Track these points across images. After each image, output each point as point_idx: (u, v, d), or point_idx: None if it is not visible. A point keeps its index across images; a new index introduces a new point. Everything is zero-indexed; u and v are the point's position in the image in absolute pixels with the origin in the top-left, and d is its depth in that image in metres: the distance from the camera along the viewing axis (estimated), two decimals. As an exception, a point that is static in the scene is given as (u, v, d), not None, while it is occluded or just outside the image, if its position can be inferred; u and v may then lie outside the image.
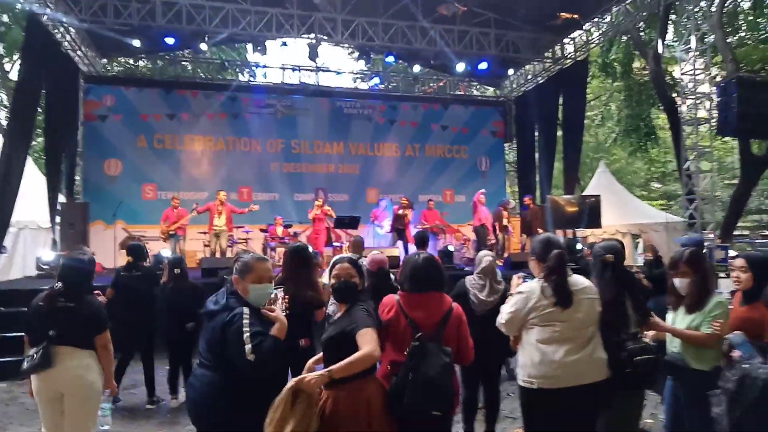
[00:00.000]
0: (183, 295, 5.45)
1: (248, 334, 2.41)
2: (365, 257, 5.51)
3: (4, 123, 10.47)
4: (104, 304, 3.85)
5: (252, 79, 15.66)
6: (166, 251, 7.92)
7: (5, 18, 14.84)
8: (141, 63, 15.25)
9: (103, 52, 13.52)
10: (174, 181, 13.38)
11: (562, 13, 10.50)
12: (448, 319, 2.76)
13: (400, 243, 11.15)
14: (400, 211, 11.29)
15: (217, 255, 10.42)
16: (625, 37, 16.51)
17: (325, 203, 11.31)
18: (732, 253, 9.79)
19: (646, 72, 17.69)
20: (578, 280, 2.88)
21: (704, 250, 4.41)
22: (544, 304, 2.78)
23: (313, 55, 11.91)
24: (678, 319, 3.29)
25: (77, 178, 13.03)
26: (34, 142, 13.92)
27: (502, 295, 4.07)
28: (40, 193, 11.48)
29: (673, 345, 3.28)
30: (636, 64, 18.12)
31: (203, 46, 12.26)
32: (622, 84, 18.93)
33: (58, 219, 11.14)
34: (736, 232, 16.66)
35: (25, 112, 10.09)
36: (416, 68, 12.98)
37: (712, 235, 9.97)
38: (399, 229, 11.12)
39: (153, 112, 13.58)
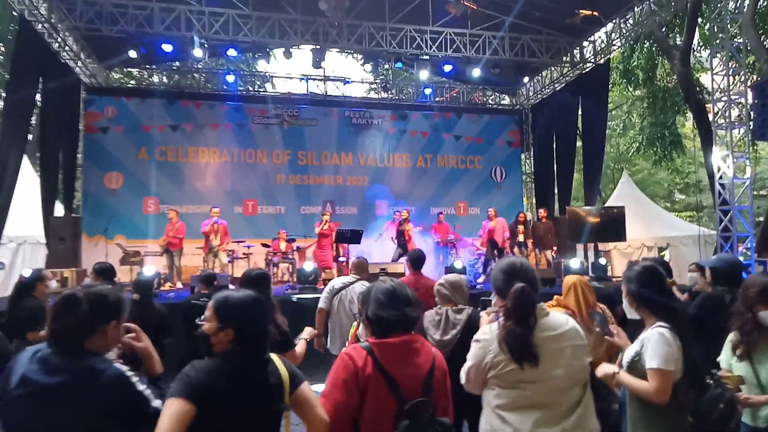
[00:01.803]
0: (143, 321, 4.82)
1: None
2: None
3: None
4: None
5: (258, 88, 15.23)
6: (149, 268, 7.34)
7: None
8: (144, 74, 14.87)
9: (104, 63, 13.18)
10: (176, 195, 12.92)
11: (582, 11, 9.80)
12: (434, 374, 2.02)
13: (404, 258, 10.45)
14: (401, 226, 10.63)
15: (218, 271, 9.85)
16: (647, 42, 15.83)
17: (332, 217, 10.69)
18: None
19: (671, 78, 16.90)
20: (557, 322, 2.08)
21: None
22: (503, 360, 2.00)
23: (317, 62, 11.39)
24: (764, 369, 2.48)
25: (77, 191, 12.65)
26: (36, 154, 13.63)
27: (464, 330, 3.19)
28: (40, 207, 11.13)
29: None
30: (659, 71, 17.35)
31: (232, 52, 11.70)
32: (644, 91, 18.13)
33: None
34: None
35: (17, 123, 9.72)
36: (423, 75, 12.31)
37: (742, 249, 9.12)
38: (402, 244, 10.45)
39: (156, 124, 13.18)
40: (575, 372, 2.03)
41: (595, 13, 9.97)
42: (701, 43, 15.99)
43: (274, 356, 1.93)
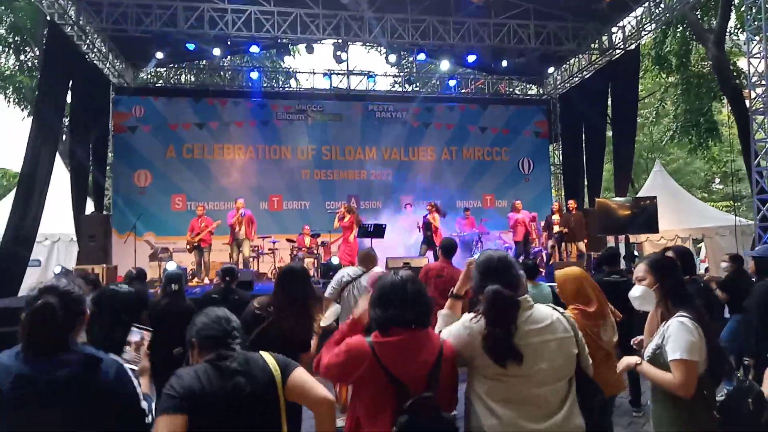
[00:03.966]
0: (174, 315, 4.87)
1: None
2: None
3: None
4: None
5: (282, 85, 15.29)
6: (171, 264, 7.44)
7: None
8: (170, 73, 15.09)
9: (131, 63, 13.42)
10: (203, 192, 13.08)
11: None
12: (440, 367, 1.96)
13: (430, 253, 10.36)
14: (428, 217, 10.52)
15: (240, 265, 9.95)
16: (680, 27, 15.27)
17: (351, 210, 10.61)
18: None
19: (705, 63, 16.28)
20: (541, 314, 2.01)
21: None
22: (485, 361, 1.95)
23: (338, 56, 11.34)
24: None
25: (107, 190, 12.93)
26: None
27: None
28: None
29: None
30: (693, 56, 16.73)
31: (254, 49, 11.78)
32: (678, 77, 17.52)
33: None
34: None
35: (49, 124, 9.95)
36: (445, 66, 12.14)
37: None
38: (428, 237, 10.34)
39: (182, 122, 13.36)
40: (560, 366, 1.97)
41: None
42: (738, 26, 15.37)
43: (263, 353, 1.94)
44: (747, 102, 10.07)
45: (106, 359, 1.83)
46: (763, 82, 9.16)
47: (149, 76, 15.24)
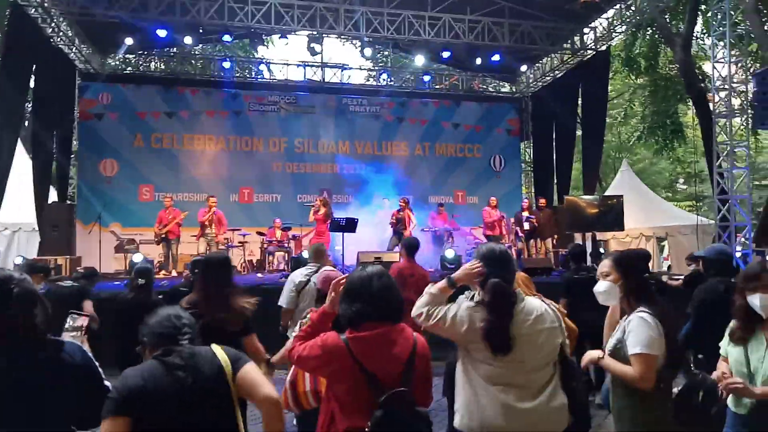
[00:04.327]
0: (142, 309, 4.75)
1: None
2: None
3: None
4: None
5: (255, 75, 15.08)
6: (138, 256, 7.29)
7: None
8: (140, 60, 14.73)
9: (99, 49, 13.04)
10: (172, 182, 12.83)
11: (583, -4, 9.64)
12: (415, 363, 2.01)
13: (398, 248, 10.39)
14: (401, 213, 10.55)
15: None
16: (650, 30, 15.61)
17: (326, 203, 10.56)
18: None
19: (673, 66, 16.69)
20: (533, 306, 2.18)
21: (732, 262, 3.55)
22: (481, 347, 2.11)
23: (312, 48, 11.25)
24: (756, 357, 2.40)
25: (72, 179, 12.58)
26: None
27: None
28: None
29: None
30: (662, 58, 17.14)
31: (227, 38, 11.55)
32: (647, 79, 17.94)
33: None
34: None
35: (10, 108, 9.63)
36: (420, 60, 12.16)
37: (747, 240, 9.04)
38: (399, 232, 10.37)
39: (151, 110, 13.06)
40: (548, 353, 2.15)
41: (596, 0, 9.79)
42: (704, 31, 15.78)
43: (214, 346, 1.93)
44: (711, 105, 10.37)
45: (67, 342, 1.91)
46: (726, 86, 9.45)
47: (118, 62, 14.86)
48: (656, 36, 15.58)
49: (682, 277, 6.06)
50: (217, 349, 1.91)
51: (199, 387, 1.78)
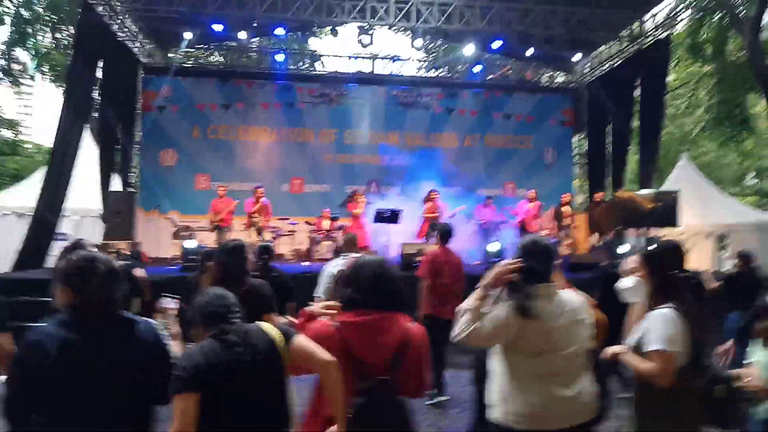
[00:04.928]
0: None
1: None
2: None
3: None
4: None
5: (308, 67, 15.36)
6: (192, 243, 7.64)
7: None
8: (199, 53, 15.28)
9: (161, 44, 13.63)
10: (227, 172, 13.28)
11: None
12: (406, 353, 2.03)
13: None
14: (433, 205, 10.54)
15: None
16: (717, 15, 14.77)
17: (365, 194, 10.66)
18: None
19: (743, 53, 15.75)
20: (569, 298, 2.28)
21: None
22: (527, 339, 2.21)
23: (362, 40, 11.33)
24: None
25: (135, 167, 13.27)
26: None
27: None
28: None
29: None
30: (731, 44, 16.18)
31: (279, 31, 11.88)
32: (713, 67, 17.00)
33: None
34: None
35: (79, 101, 10.25)
36: (469, 50, 12.03)
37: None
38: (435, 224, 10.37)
39: (209, 102, 13.57)
40: (583, 342, 2.25)
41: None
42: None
43: (263, 323, 2.04)
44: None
45: (140, 320, 2.04)
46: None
47: (179, 56, 15.45)
48: (724, 21, 14.74)
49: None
50: (266, 326, 2.04)
51: (256, 361, 1.91)
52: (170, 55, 14.61)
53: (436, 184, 13.40)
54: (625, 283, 2.53)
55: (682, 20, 12.25)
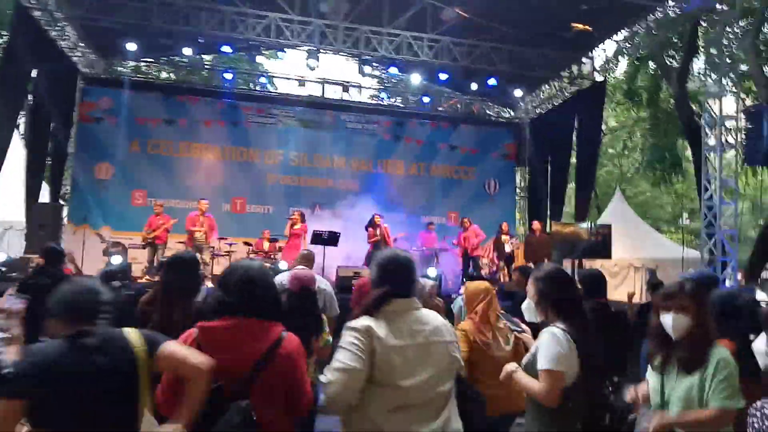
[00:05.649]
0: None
1: None
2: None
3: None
4: None
5: (256, 88, 15.27)
6: (116, 259, 7.30)
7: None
8: (143, 67, 14.92)
9: (103, 54, 13.24)
10: (165, 189, 12.88)
11: (576, 24, 9.75)
12: (268, 364, 1.90)
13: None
14: (377, 231, 10.57)
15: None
16: (652, 64, 15.72)
17: (303, 218, 10.49)
18: (760, 295, 8.71)
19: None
20: (428, 318, 2.02)
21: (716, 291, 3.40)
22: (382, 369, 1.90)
23: (310, 64, 11.39)
24: (669, 384, 2.22)
25: (66, 180, 12.70)
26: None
27: None
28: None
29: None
30: (664, 93, 17.22)
31: (226, 48, 11.79)
32: (647, 112, 18.01)
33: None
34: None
35: (7, 107, 9.77)
36: (416, 79, 12.31)
37: (734, 275, 8.95)
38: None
39: (150, 117, 13.21)
40: (444, 369, 1.97)
41: (588, 28, 9.88)
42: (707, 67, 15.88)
43: (129, 330, 1.88)
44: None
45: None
46: (717, 122, 9.46)
47: (126, 69, 15.06)
48: (658, 70, 15.70)
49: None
50: (131, 332, 1.87)
51: (106, 370, 1.74)
52: (119, 68, 14.21)
53: (381, 209, 13.45)
54: (524, 304, 2.54)
55: (616, 66, 12.95)
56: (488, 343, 3.07)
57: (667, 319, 2.23)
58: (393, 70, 12.76)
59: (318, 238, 9.02)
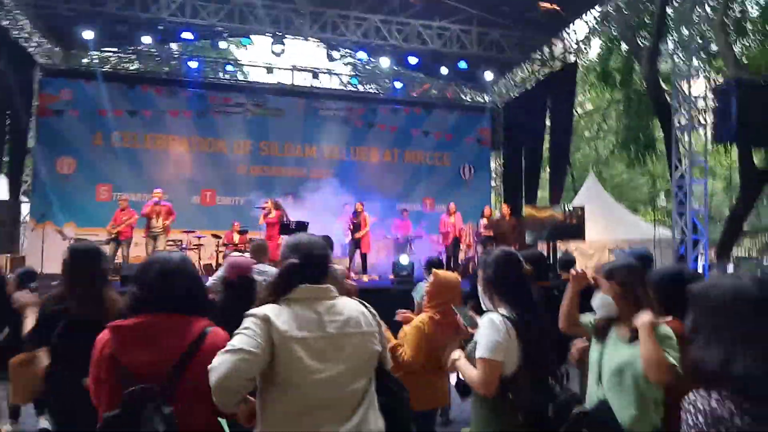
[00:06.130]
0: None
1: None
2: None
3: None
4: None
5: (223, 76, 14.88)
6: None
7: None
8: (104, 57, 14.38)
9: (61, 44, 12.75)
10: (131, 182, 12.49)
11: (544, 4, 9.59)
12: (190, 362, 1.73)
13: (358, 253, 10.23)
14: (357, 218, 10.40)
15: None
16: (625, 45, 15.66)
17: (278, 206, 10.30)
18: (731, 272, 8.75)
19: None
20: (345, 307, 1.82)
21: (650, 267, 3.34)
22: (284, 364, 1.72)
23: (275, 48, 11.10)
24: (607, 353, 2.28)
25: (27, 176, 12.25)
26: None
27: None
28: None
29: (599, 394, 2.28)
30: (637, 74, 17.21)
31: (187, 35, 11.51)
32: (621, 93, 18.00)
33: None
34: (742, 253, 15.51)
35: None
36: (385, 63, 12.11)
37: (705, 254, 8.96)
38: (357, 239, 10.20)
39: (113, 108, 12.76)
40: (360, 363, 1.78)
41: (556, 8, 9.73)
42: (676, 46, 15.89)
43: None
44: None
45: None
46: (686, 101, 9.41)
47: (87, 59, 14.54)
48: (630, 50, 15.65)
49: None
50: None
51: None
52: (80, 58, 13.69)
53: (355, 197, 13.26)
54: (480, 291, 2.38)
55: (592, 48, 12.85)
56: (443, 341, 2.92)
57: (594, 299, 2.32)
58: (362, 54, 12.44)
59: (286, 228, 8.80)
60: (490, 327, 2.08)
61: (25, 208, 12.13)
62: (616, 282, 2.27)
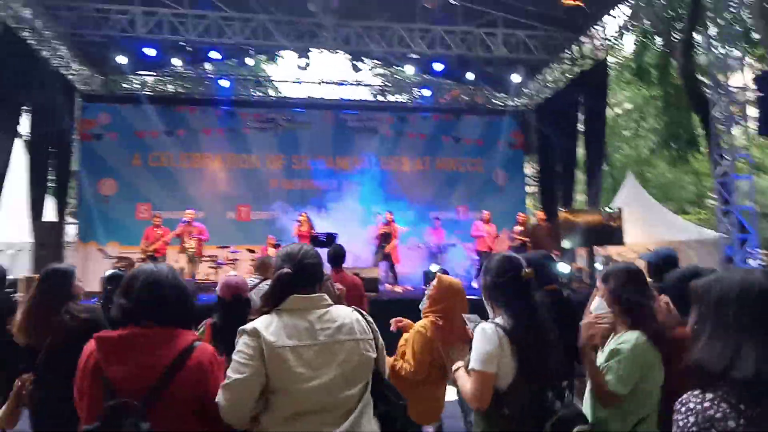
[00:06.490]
0: None
1: None
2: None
3: None
4: None
5: (253, 93, 15.17)
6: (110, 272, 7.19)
7: None
8: (139, 80, 14.95)
9: (98, 70, 13.28)
10: (169, 200, 12.84)
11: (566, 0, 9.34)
12: (174, 377, 1.71)
13: (384, 264, 10.15)
14: (387, 227, 10.32)
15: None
16: (659, 40, 15.13)
17: (310, 220, 10.39)
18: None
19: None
20: (338, 315, 1.85)
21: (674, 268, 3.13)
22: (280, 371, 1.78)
23: (300, 62, 11.24)
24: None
25: (72, 199, 12.77)
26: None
27: None
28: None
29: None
30: (674, 69, 16.59)
31: (215, 54, 11.79)
32: (659, 90, 17.40)
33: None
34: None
35: (2, 132, 9.79)
36: (410, 70, 12.08)
37: (753, 252, 8.47)
38: (382, 247, 10.13)
39: (149, 130, 13.20)
40: (353, 370, 1.80)
41: (579, 3, 9.46)
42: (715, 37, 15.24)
43: None
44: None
45: None
46: (725, 93, 8.98)
47: (124, 83, 15.13)
48: (664, 45, 15.12)
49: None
50: None
51: None
52: (118, 83, 14.24)
53: (387, 207, 13.22)
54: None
55: (626, 45, 12.48)
56: (446, 349, 2.81)
57: (593, 304, 2.26)
58: (388, 64, 12.43)
59: (316, 241, 8.83)
60: (482, 337, 1.99)
61: (69, 229, 12.63)
62: (607, 287, 2.17)
